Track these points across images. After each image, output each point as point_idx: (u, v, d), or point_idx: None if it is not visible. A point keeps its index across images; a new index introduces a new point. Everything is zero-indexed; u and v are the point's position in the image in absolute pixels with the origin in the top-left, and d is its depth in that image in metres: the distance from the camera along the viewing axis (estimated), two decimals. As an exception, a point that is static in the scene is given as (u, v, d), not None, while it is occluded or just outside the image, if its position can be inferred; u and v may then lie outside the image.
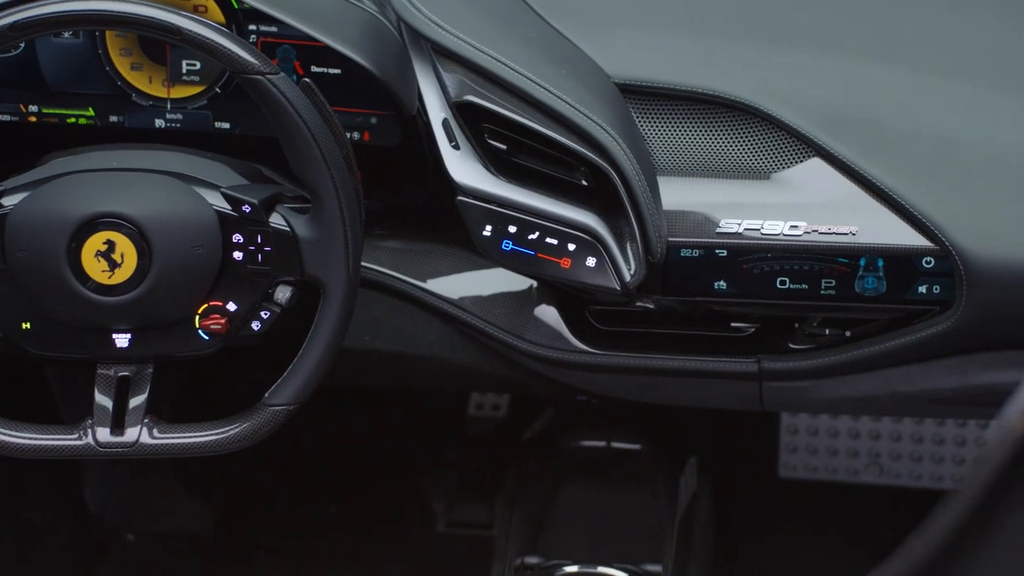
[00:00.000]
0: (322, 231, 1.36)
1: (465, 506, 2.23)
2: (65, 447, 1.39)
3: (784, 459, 2.25)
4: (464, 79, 1.44)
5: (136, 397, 1.40)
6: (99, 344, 1.40)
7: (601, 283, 1.44)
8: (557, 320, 1.55)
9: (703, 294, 1.47)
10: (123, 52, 1.55)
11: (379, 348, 1.63)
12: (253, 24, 1.53)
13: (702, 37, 1.53)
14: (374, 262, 1.57)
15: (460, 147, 1.45)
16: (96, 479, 2.20)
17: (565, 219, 1.44)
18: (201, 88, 1.56)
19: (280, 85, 1.32)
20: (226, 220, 1.37)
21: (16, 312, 1.39)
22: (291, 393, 1.39)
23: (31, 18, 1.29)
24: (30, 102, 1.56)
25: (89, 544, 2.18)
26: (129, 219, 1.36)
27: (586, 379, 1.62)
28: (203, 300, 1.40)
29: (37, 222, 1.36)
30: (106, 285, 1.37)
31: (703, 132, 1.47)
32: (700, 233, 1.45)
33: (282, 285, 1.40)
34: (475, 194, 1.44)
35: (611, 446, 1.97)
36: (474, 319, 1.57)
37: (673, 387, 1.60)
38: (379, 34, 1.50)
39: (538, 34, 1.50)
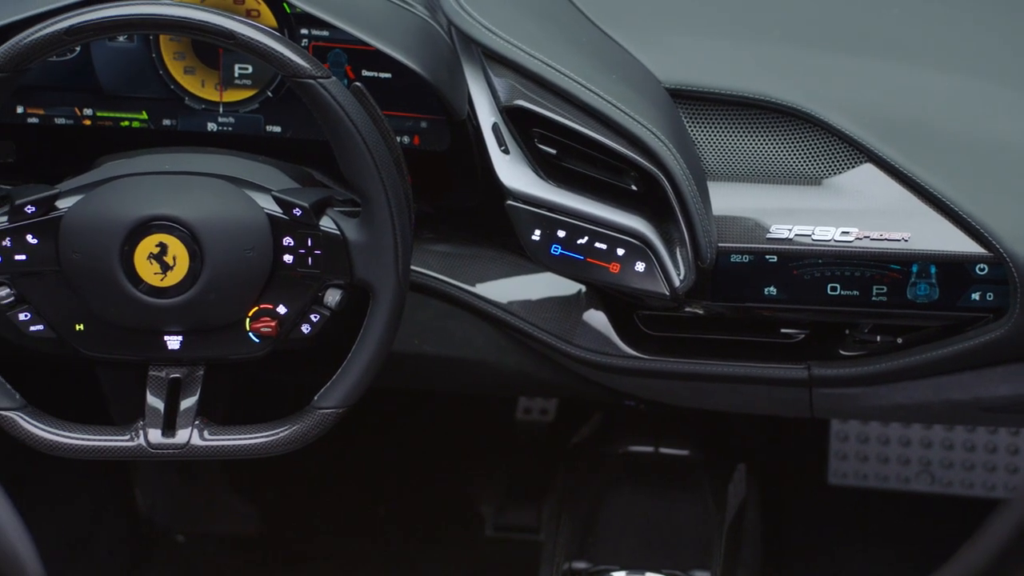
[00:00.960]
0: (372, 235, 1.37)
1: (513, 510, 2.23)
2: (117, 448, 1.40)
3: (834, 466, 2.23)
4: (514, 83, 1.44)
5: (187, 399, 1.41)
6: (151, 346, 1.41)
7: (650, 288, 1.44)
8: (606, 325, 1.55)
9: (753, 300, 1.47)
10: (176, 56, 1.56)
11: (428, 352, 1.63)
12: (305, 28, 1.54)
13: (754, 42, 1.52)
14: (423, 266, 1.57)
15: (510, 151, 1.45)
16: (146, 480, 2.21)
17: (614, 224, 1.44)
18: (253, 92, 1.57)
19: (331, 89, 1.32)
20: (277, 223, 1.38)
21: (70, 314, 1.41)
22: (340, 396, 1.40)
23: (87, 22, 1.30)
24: (85, 105, 1.57)
25: (139, 545, 2.19)
26: (181, 222, 1.37)
27: (634, 384, 1.61)
28: (253, 303, 1.41)
29: (91, 225, 1.37)
30: (158, 287, 1.38)
31: (754, 137, 1.47)
32: (750, 239, 1.44)
33: (332, 288, 1.40)
34: (524, 198, 1.44)
35: (659, 452, 1.96)
36: (523, 323, 1.57)
37: (722, 393, 1.59)
38: (430, 38, 1.50)
39: (589, 39, 1.50)
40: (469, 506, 2.26)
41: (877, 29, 1.54)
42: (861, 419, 2.19)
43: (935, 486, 2.22)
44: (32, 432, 1.39)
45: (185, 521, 2.24)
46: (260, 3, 1.53)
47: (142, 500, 2.21)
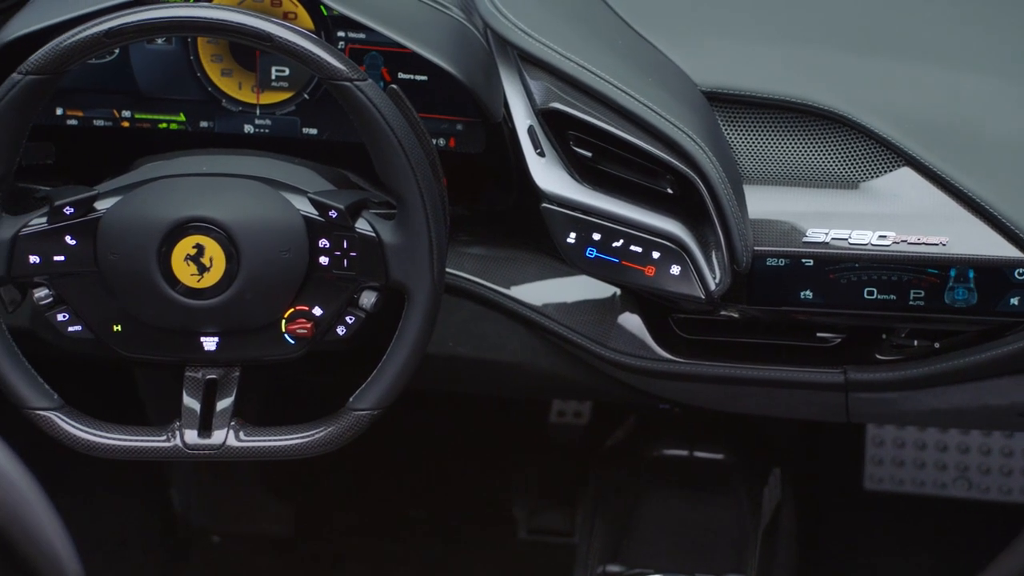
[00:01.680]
0: (407, 237, 1.37)
1: (546, 513, 2.23)
2: (154, 448, 1.40)
3: (870, 471, 2.22)
4: (550, 86, 1.44)
5: (223, 400, 1.41)
6: (188, 347, 1.42)
7: (685, 291, 1.43)
8: (640, 328, 1.55)
9: (789, 304, 1.46)
10: (214, 58, 1.57)
11: (462, 354, 1.63)
12: (342, 31, 1.55)
13: (790, 45, 1.52)
14: (458, 268, 1.57)
15: (545, 154, 1.45)
16: (182, 481, 2.23)
17: (650, 227, 1.43)
18: (290, 94, 1.57)
19: (368, 91, 1.33)
20: (313, 225, 1.38)
21: (108, 314, 1.41)
22: (375, 398, 1.40)
23: (126, 25, 1.31)
24: (123, 107, 1.58)
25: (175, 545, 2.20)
26: (218, 223, 1.37)
27: (669, 388, 1.61)
28: (289, 304, 1.41)
29: (129, 226, 1.37)
30: (195, 288, 1.38)
31: (791, 141, 1.46)
32: (786, 242, 1.44)
33: (367, 290, 1.40)
34: (560, 201, 1.44)
35: (694, 455, 1.96)
36: (557, 326, 1.57)
37: (757, 397, 1.59)
38: (466, 41, 1.50)
39: (625, 42, 1.50)
40: (502, 509, 2.26)
41: (914, 32, 1.53)
42: (897, 424, 2.17)
43: (972, 492, 2.20)
44: (70, 432, 1.40)
45: (220, 521, 2.24)
46: (297, 5, 1.53)
47: (178, 500, 2.22)
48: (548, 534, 2.21)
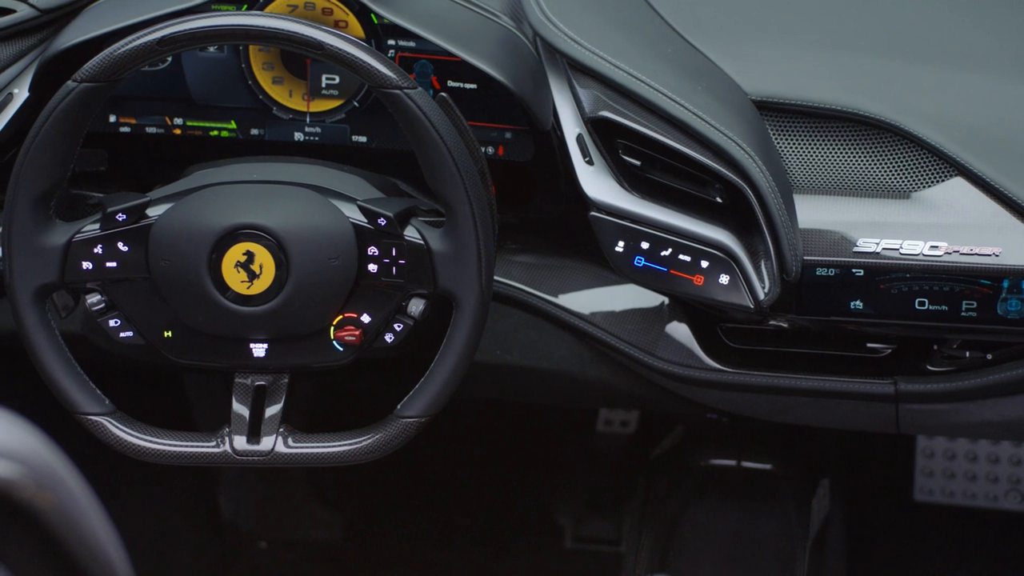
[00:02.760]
0: (456, 245, 1.37)
1: (593, 522, 2.22)
2: (204, 454, 1.41)
3: (920, 483, 2.20)
4: (599, 95, 1.44)
5: (272, 406, 1.42)
6: (237, 353, 1.43)
7: (734, 301, 1.43)
8: (688, 337, 1.54)
9: (839, 314, 1.45)
10: (265, 66, 1.57)
11: (510, 362, 1.63)
12: (392, 39, 1.55)
13: (841, 54, 1.51)
14: (506, 276, 1.57)
15: (594, 162, 1.45)
16: (230, 487, 2.24)
17: (698, 236, 1.43)
18: (340, 102, 1.58)
19: (417, 99, 1.33)
20: (362, 233, 1.39)
21: (159, 321, 1.42)
22: (423, 405, 1.40)
23: (179, 33, 1.32)
24: (175, 115, 1.59)
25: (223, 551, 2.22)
26: (268, 231, 1.38)
27: (717, 397, 1.60)
28: (338, 312, 1.41)
29: (180, 233, 1.38)
30: (245, 295, 1.39)
31: (841, 150, 1.45)
32: (836, 252, 1.43)
33: (415, 298, 1.41)
34: (608, 210, 1.44)
35: (741, 465, 1.95)
36: (605, 335, 1.56)
37: (806, 407, 1.58)
38: (516, 49, 1.50)
39: (674, 50, 1.50)
40: (549, 517, 2.26)
41: (966, 41, 1.52)
42: (948, 436, 2.15)
43: (1024, 504, 2.18)
44: (121, 437, 1.41)
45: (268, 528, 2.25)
46: (348, 14, 1.54)
47: (226, 506, 2.23)
48: (595, 543, 2.20)
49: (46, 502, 0.66)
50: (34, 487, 0.66)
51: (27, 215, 1.36)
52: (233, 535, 2.23)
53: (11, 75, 1.51)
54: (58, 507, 0.67)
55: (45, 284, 1.38)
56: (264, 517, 2.26)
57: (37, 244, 1.37)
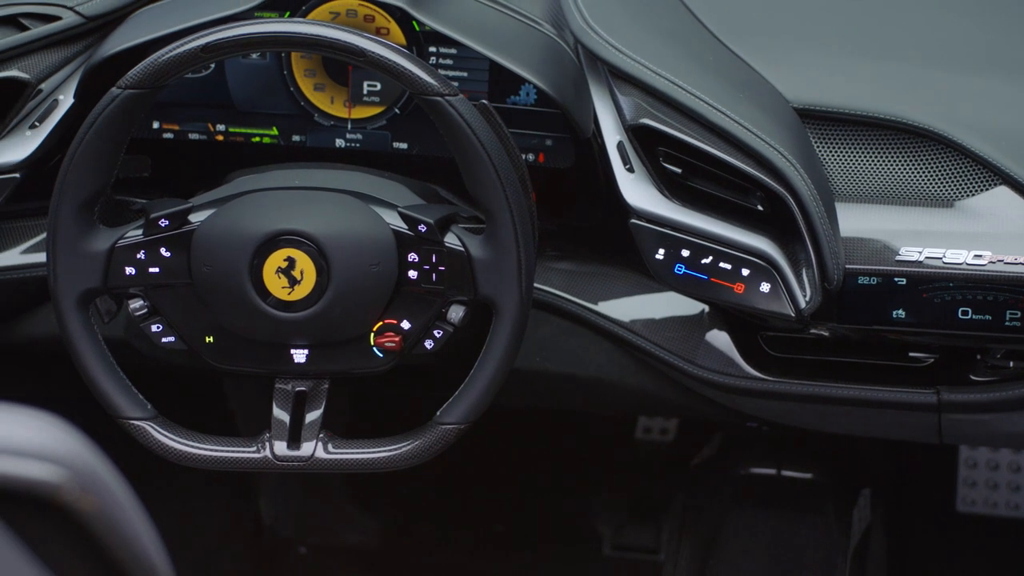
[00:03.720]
0: (496, 251, 1.37)
1: (632, 530, 2.22)
2: (244, 459, 1.42)
3: (962, 493, 2.19)
4: (640, 102, 1.44)
5: (312, 412, 1.42)
6: (278, 359, 1.43)
7: (775, 309, 1.42)
8: (729, 345, 1.54)
9: (880, 323, 1.44)
10: (307, 73, 1.58)
11: (549, 369, 1.63)
12: (433, 46, 1.55)
13: (883, 62, 1.50)
14: (546, 283, 1.57)
15: (634, 170, 1.45)
16: (270, 492, 2.24)
17: (739, 244, 1.42)
18: (381, 109, 1.58)
19: (458, 106, 1.33)
20: (402, 239, 1.39)
21: (201, 326, 1.43)
22: (462, 412, 1.40)
23: (223, 40, 1.32)
24: (218, 121, 1.60)
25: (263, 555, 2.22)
26: (309, 237, 1.38)
27: (757, 406, 1.59)
28: (378, 318, 1.42)
29: (222, 238, 1.39)
30: (286, 301, 1.39)
31: (884, 158, 1.45)
32: (879, 261, 1.42)
33: (455, 304, 1.41)
34: (648, 217, 1.44)
35: (781, 474, 1.94)
36: (645, 342, 1.56)
37: (848, 416, 1.57)
38: (557, 57, 1.50)
39: (716, 58, 1.49)
40: (588, 525, 2.25)
41: (1008, 49, 1.51)
42: (991, 446, 2.13)
43: (1068, 516, 2.16)
44: (162, 442, 1.41)
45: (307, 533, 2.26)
46: (390, 21, 1.54)
47: (266, 512, 2.24)
48: (634, 551, 2.20)
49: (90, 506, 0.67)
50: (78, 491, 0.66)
51: (71, 220, 1.36)
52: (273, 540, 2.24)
53: (56, 82, 1.52)
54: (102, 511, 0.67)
55: (89, 289, 1.39)
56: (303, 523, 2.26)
57: (81, 249, 1.38)
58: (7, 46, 1.50)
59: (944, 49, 1.51)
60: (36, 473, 0.66)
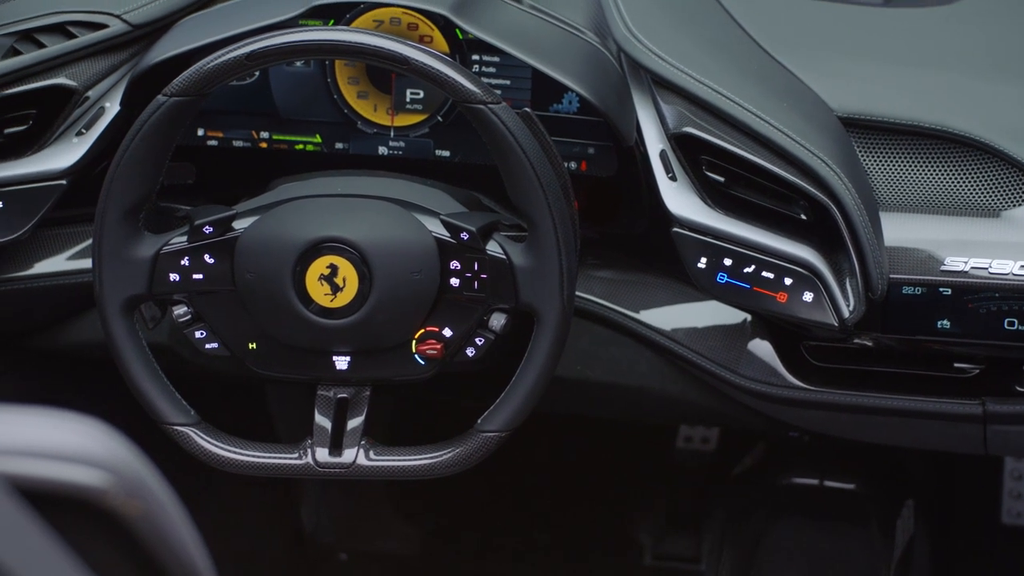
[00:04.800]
0: (538, 260, 1.37)
1: (673, 539, 2.21)
2: (286, 466, 1.42)
3: (1008, 505, 2.16)
4: (683, 111, 1.44)
5: (354, 419, 1.43)
6: (320, 366, 1.43)
7: (818, 319, 1.41)
8: (771, 355, 1.53)
9: (925, 333, 1.43)
10: (351, 81, 1.59)
11: (590, 378, 1.63)
12: (476, 54, 1.56)
13: (928, 70, 1.49)
14: (587, 292, 1.57)
15: (677, 178, 1.45)
16: (311, 498, 2.25)
17: (782, 253, 1.42)
18: (423, 116, 1.59)
19: (501, 114, 1.33)
20: (444, 247, 1.39)
21: (244, 332, 1.43)
22: (504, 420, 1.40)
23: (267, 48, 1.33)
24: (262, 129, 1.61)
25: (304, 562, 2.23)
26: (351, 244, 1.39)
27: (800, 415, 1.59)
28: (420, 325, 1.42)
29: (265, 245, 1.39)
30: (328, 308, 1.40)
31: (928, 167, 1.44)
32: (923, 270, 1.41)
33: (497, 312, 1.41)
34: (691, 226, 1.43)
35: (824, 484, 1.93)
36: (686, 351, 1.55)
37: (891, 427, 1.56)
38: (600, 65, 1.50)
39: (759, 66, 1.49)
40: (628, 534, 2.25)
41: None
42: (1037, 458, 2.12)
43: (1114, 529, 2.13)
44: (205, 448, 1.42)
45: (348, 540, 2.26)
46: (433, 29, 1.55)
47: (307, 518, 2.24)
48: (674, 560, 2.19)
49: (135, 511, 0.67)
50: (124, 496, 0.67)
51: (117, 227, 1.37)
52: (314, 547, 2.24)
53: (103, 89, 1.53)
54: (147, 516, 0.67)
55: (133, 295, 1.40)
56: (344, 530, 2.27)
57: (126, 256, 1.39)
58: (55, 54, 1.51)
59: (988, 58, 1.50)
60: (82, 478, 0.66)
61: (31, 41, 1.52)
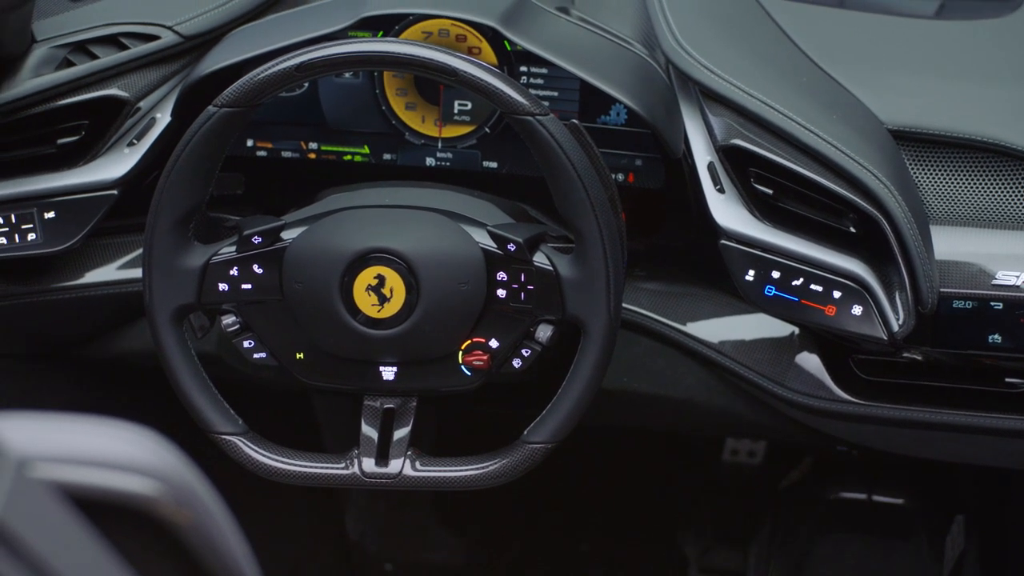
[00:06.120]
0: (585, 271, 1.37)
1: (718, 552, 2.20)
2: (333, 476, 1.42)
3: (1060, 521, 2.14)
4: (731, 123, 1.43)
5: (400, 429, 1.43)
6: (367, 376, 1.44)
7: (867, 332, 1.40)
8: (819, 368, 1.52)
9: (976, 347, 1.42)
10: (399, 92, 1.59)
11: (637, 389, 1.62)
12: (524, 66, 1.56)
13: (979, 83, 1.48)
14: (634, 303, 1.57)
15: (725, 191, 1.44)
16: (357, 508, 2.26)
17: (831, 266, 1.41)
18: (471, 128, 1.59)
19: (549, 126, 1.33)
20: (491, 258, 1.39)
21: (292, 342, 1.44)
22: (550, 431, 1.40)
23: (316, 59, 1.34)
24: (311, 139, 1.62)
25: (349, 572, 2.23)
26: (399, 255, 1.39)
27: (848, 429, 1.57)
28: (467, 336, 1.42)
29: (313, 256, 1.40)
30: (375, 319, 1.40)
31: (980, 181, 1.43)
32: (974, 284, 1.40)
33: (543, 323, 1.41)
34: (739, 238, 1.43)
35: (873, 499, 1.91)
36: (733, 364, 1.55)
37: (942, 442, 1.55)
38: (648, 76, 1.50)
39: (809, 79, 1.48)
40: (674, 546, 2.24)
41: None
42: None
43: None
44: (253, 457, 1.43)
45: (394, 549, 2.27)
46: (482, 41, 1.55)
47: (352, 528, 2.25)
48: (720, 574, 2.18)
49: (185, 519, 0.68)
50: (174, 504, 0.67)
51: (167, 237, 1.38)
52: (359, 557, 2.25)
53: (154, 100, 1.55)
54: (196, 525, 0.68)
55: (183, 305, 1.41)
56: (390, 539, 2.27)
57: (176, 265, 1.39)
58: (107, 65, 1.53)
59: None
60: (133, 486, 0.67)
61: (84, 52, 1.53)
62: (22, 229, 1.53)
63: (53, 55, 1.52)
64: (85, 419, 0.69)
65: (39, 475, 0.65)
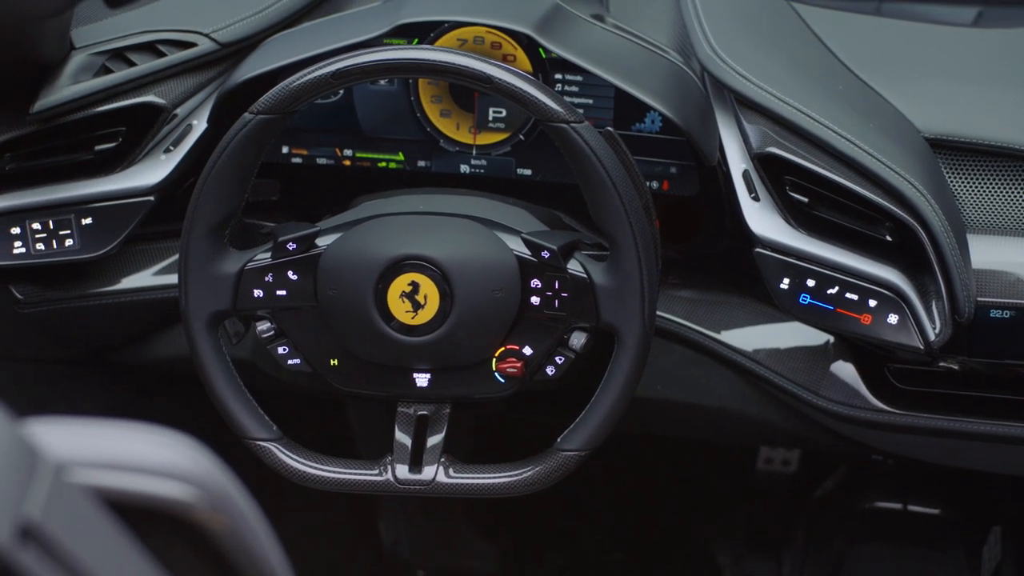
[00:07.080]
0: (619, 279, 1.36)
1: (752, 561, 2.19)
2: (367, 482, 1.43)
3: (1098, 533, 2.12)
4: (767, 130, 1.43)
5: (434, 436, 1.43)
6: (400, 383, 1.44)
7: (903, 341, 1.39)
8: (854, 377, 1.51)
9: (1013, 357, 1.41)
10: (434, 99, 1.60)
11: (670, 398, 1.62)
12: (559, 73, 1.56)
13: (1017, 92, 1.47)
14: (668, 311, 1.56)
15: (760, 199, 1.44)
16: (391, 515, 2.26)
17: (866, 274, 1.40)
18: (506, 135, 1.59)
19: (584, 133, 1.33)
20: (525, 265, 1.39)
21: (326, 349, 1.44)
22: (583, 439, 1.40)
23: (352, 66, 1.34)
24: (346, 146, 1.62)
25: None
26: (433, 262, 1.39)
27: (883, 439, 1.57)
28: (500, 343, 1.42)
29: (348, 262, 1.40)
30: (409, 325, 1.40)
31: (1017, 190, 1.42)
32: (1012, 294, 1.39)
33: (577, 331, 1.40)
34: (774, 246, 1.42)
35: (908, 509, 1.90)
36: (768, 372, 1.54)
37: (978, 452, 1.54)
38: (683, 84, 1.50)
39: (845, 87, 1.47)
40: (708, 555, 2.23)
41: None
42: None
43: None
44: (287, 463, 1.43)
45: (426, 556, 2.27)
46: (516, 48, 1.55)
47: (386, 534, 2.25)
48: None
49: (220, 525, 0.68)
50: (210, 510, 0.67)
51: (203, 243, 1.39)
52: (393, 563, 2.25)
53: (191, 107, 1.56)
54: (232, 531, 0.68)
55: (218, 311, 1.41)
56: (423, 546, 2.27)
57: (212, 272, 1.40)
58: (145, 72, 1.54)
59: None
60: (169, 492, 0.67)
61: (122, 59, 1.54)
62: (60, 235, 1.54)
63: (91, 62, 1.53)
64: (122, 424, 0.69)
65: (76, 480, 0.65)
